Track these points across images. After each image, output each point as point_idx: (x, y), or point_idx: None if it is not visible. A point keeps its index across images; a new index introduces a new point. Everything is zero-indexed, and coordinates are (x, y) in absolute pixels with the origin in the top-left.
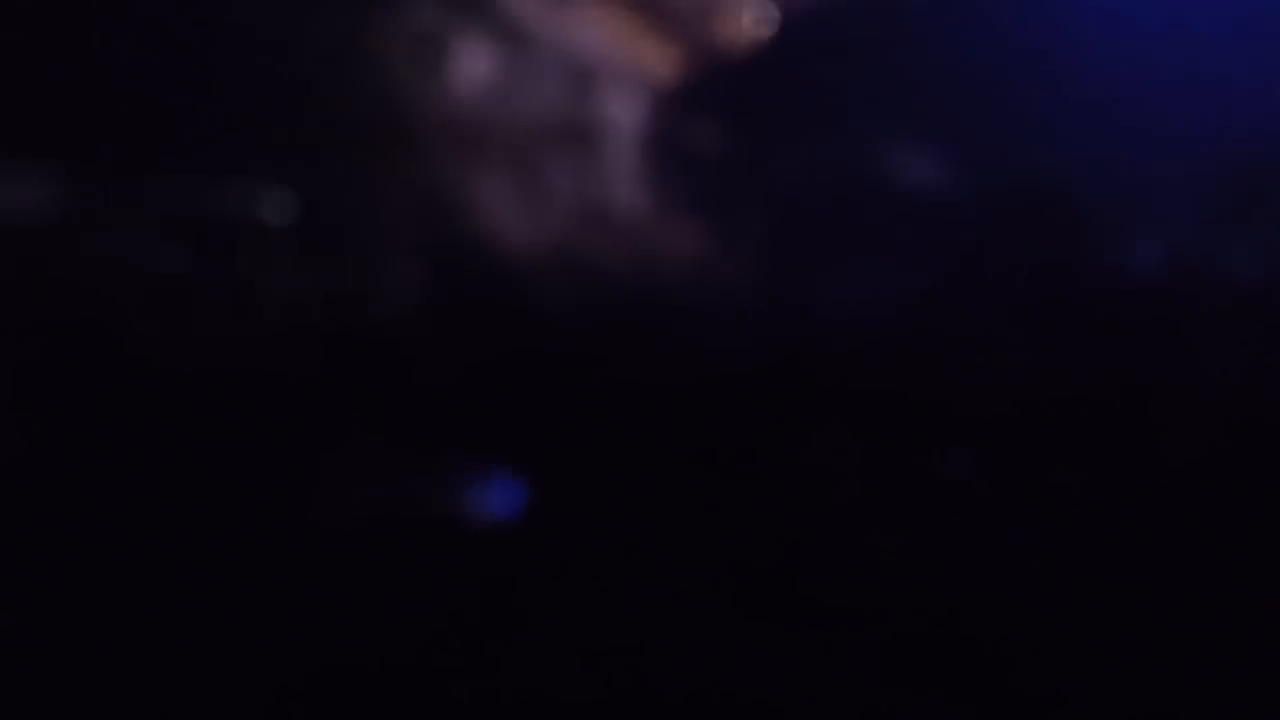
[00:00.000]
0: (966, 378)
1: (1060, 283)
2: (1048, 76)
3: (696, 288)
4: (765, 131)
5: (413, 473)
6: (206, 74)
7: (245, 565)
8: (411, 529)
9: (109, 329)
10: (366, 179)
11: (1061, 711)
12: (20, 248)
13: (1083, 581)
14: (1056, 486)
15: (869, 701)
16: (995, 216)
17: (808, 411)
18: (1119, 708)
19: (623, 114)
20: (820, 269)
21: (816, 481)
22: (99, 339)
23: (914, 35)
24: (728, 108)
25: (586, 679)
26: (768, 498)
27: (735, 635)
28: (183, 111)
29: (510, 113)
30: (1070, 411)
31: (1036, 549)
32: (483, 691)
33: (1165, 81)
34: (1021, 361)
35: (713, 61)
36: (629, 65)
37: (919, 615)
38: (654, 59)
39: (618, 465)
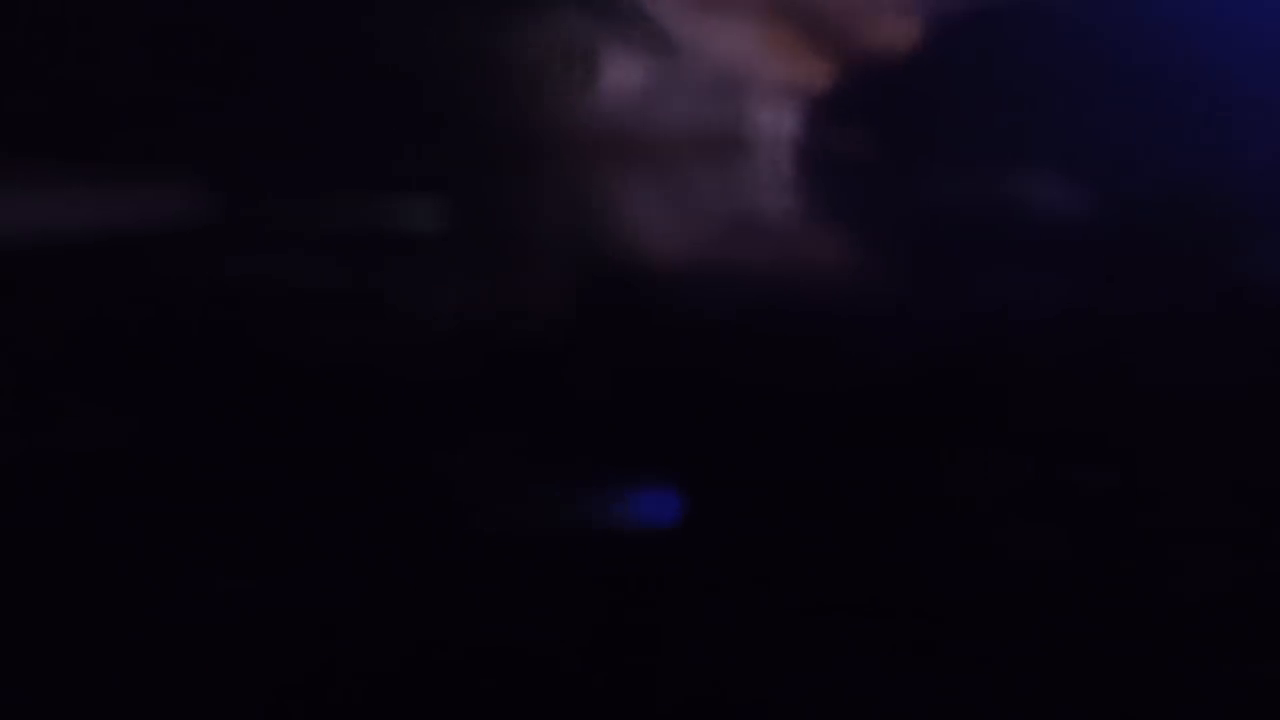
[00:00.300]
0: (1118, 390)
1: (1209, 293)
2: (1198, 82)
3: (845, 298)
4: (915, 140)
5: (564, 482)
6: (354, 85)
7: (398, 573)
8: (563, 539)
9: (259, 343)
10: (515, 190)
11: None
12: (170, 263)
13: (1238, 597)
14: (1207, 498)
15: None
16: (1145, 227)
17: (957, 423)
18: None
19: (771, 123)
20: (970, 279)
21: (966, 495)
22: (250, 354)
23: (1066, 42)
24: (877, 116)
25: (729, 687)
26: (917, 510)
27: (878, 650)
28: (332, 123)
29: (658, 123)
30: (1222, 423)
31: (1188, 562)
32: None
33: None
34: (1174, 373)
35: (862, 69)
36: (777, 73)
37: (1070, 632)
38: (803, 67)
39: (766, 475)
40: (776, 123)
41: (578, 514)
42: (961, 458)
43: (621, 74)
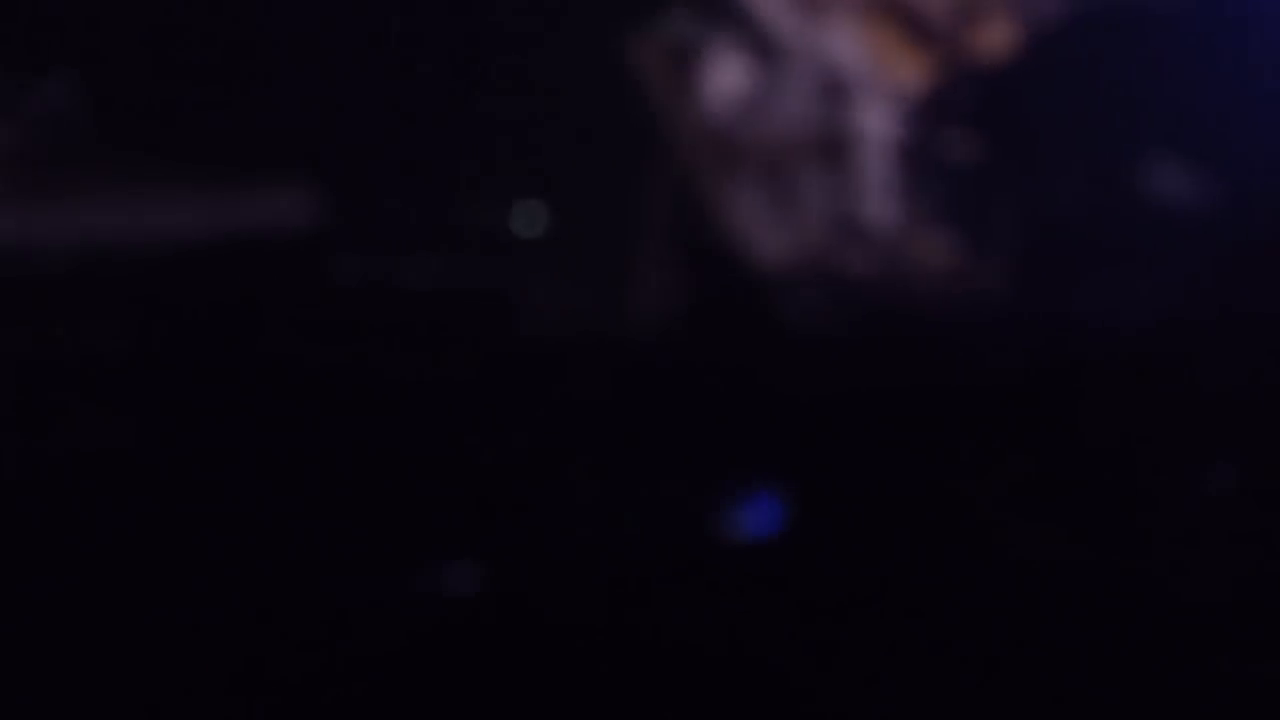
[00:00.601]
0: (1222, 389)
1: None
2: None
3: (949, 298)
4: (1019, 142)
5: (676, 487)
6: (463, 88)
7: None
8: (671, 543)
9: (363, 341)
10: (622, 190)
11: None
12: (285, 262)
13: None
14: None
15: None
16: (1250, 229)
17: (1062, 420)
18: None
19: (876, 125)
20: (1075, 280)
21: (1078, 488)
22: (358, 353)
23: (1169, 48)
24: (981, 119)
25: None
26: (1029, 504)
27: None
28: (439, 126)
29: (764, 124)
30: None
31: None
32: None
33: None
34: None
35: (966, 72)
36: (882, 76)
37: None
38: (907, 70)
39: (871, 475)
40: (882, 124)
41: (690, 520)
42: (1071, 453)
43: (730, 76)
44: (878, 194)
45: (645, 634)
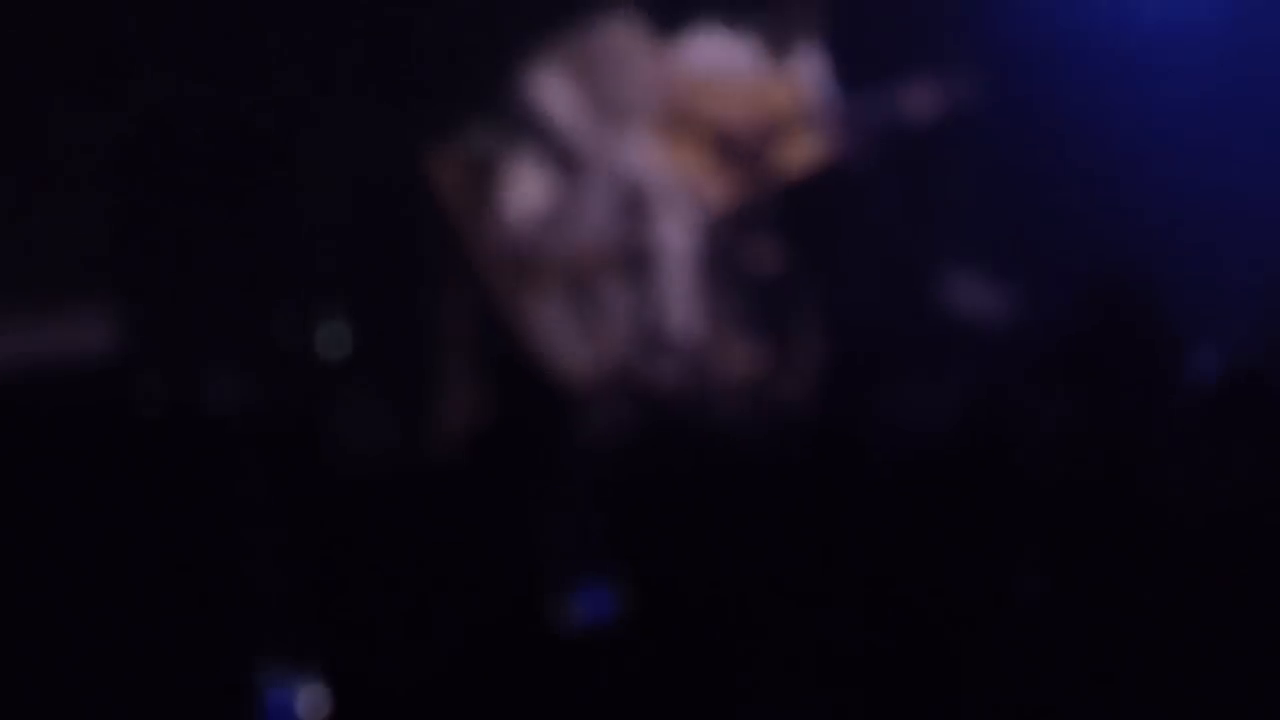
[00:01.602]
0: (1021, 495)
1: (1117, 394)
2: (1106, 201)
3: (752, 407)
4: (820, 254)
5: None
6: (263, 207)
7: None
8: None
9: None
10: (423, 307)
11: None
12: (80, 387)
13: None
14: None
15: None
16: (1050, 337)
17: (858, 526)
18: None
19: (678, 238)
20: (875, 388)
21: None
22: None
23: (972, 160)
24: (782, 231)
25: None
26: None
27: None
28: (244, 247)
29: (566, 238)
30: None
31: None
32: None
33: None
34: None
35: (769, 186)
36: (684, 190)
37: None
38: (710, 183)
39: (674, 579)
40: (685, 238)
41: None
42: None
43: (530, 191)
44: (681, 306)
45: None
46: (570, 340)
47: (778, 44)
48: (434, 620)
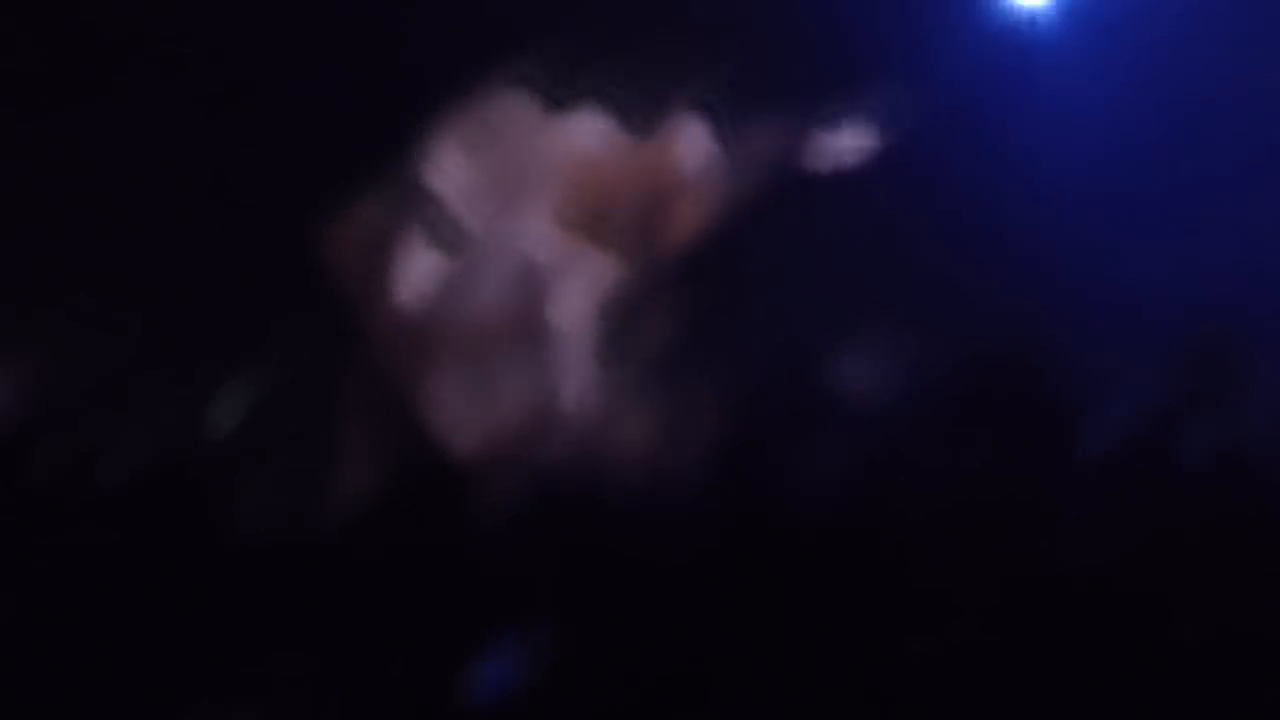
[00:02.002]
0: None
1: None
2: (1006, 270)
3: (644, 479)
4: (711, 327)
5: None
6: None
7: None
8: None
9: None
10: (317, 379)
11: None
12: None
13: None
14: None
15: None
16: (942, 411)
17: (755, 595)
18: None
19: (570, 313)
20: (766, 461)
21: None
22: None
23: (865, 222)
24: (673, 306)
25: None
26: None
27: None
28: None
29: (459, 313)
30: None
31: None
32: None
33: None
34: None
35: (658, 261)
36: (576, 265)
37: None
38: (601, 259)
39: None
40: (578, 313)
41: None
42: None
43: (423, 266)
44: (574, 380)
45: None
46: (464, 414)
47: (665, 115)
48: (325, 693)
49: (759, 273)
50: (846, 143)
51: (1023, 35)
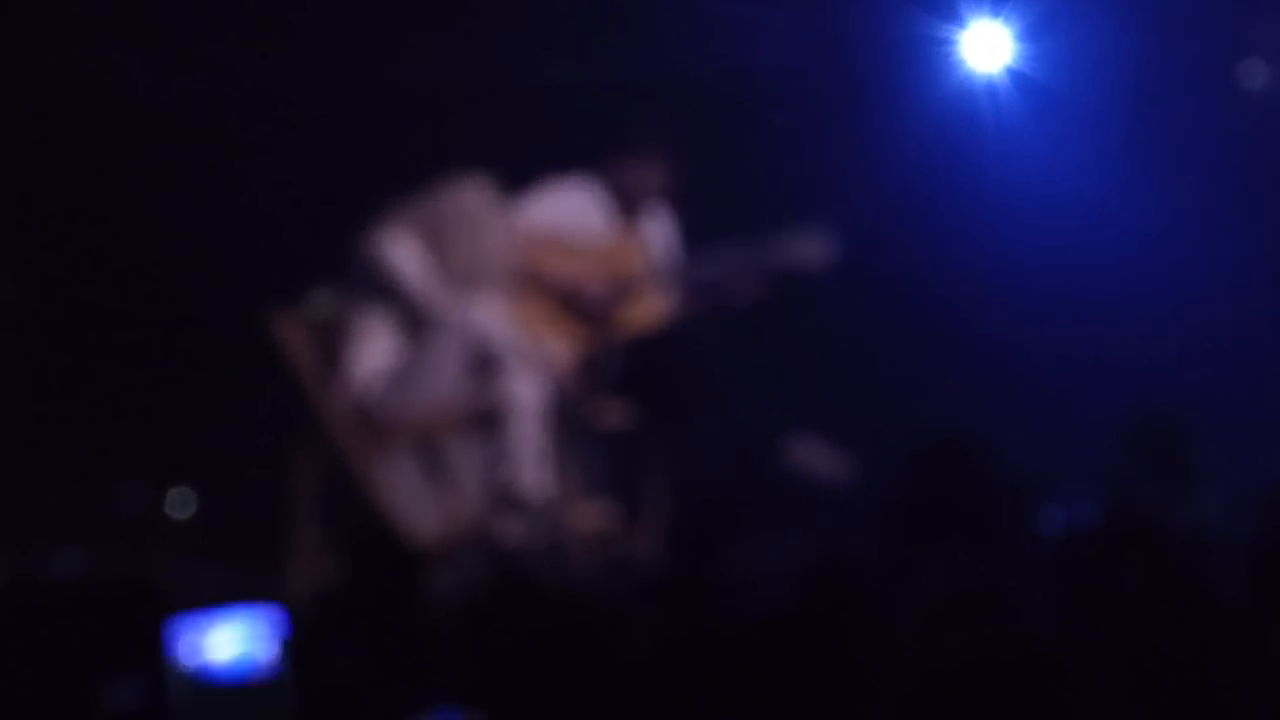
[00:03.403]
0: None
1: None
2: (951, 360)
3: (601, 561)
4: (668, 411)
5: None
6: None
7: None
8: None
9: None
10: (272, 469)
11: None
12: None
13: None
14: None
15: None
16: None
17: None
18: None
19: (527, 396)
20: (721, 544)
21: None
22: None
23: (815, 319)
24: (630, 389)
25: None
26: None
27: None
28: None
29: (414, 397)
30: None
31: None
32: None
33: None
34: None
35: (616, 344)
36: (533, 348)
37: None
38: (558, 342)
39: None
40: (534, 396)
41: None
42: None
43: (377, 351)
44: (530, 463)
45: None
46: (419, 498)
47: (623, 203)
48: None
49: (714, 363)
50: (801, 248)
51: (979, 105)
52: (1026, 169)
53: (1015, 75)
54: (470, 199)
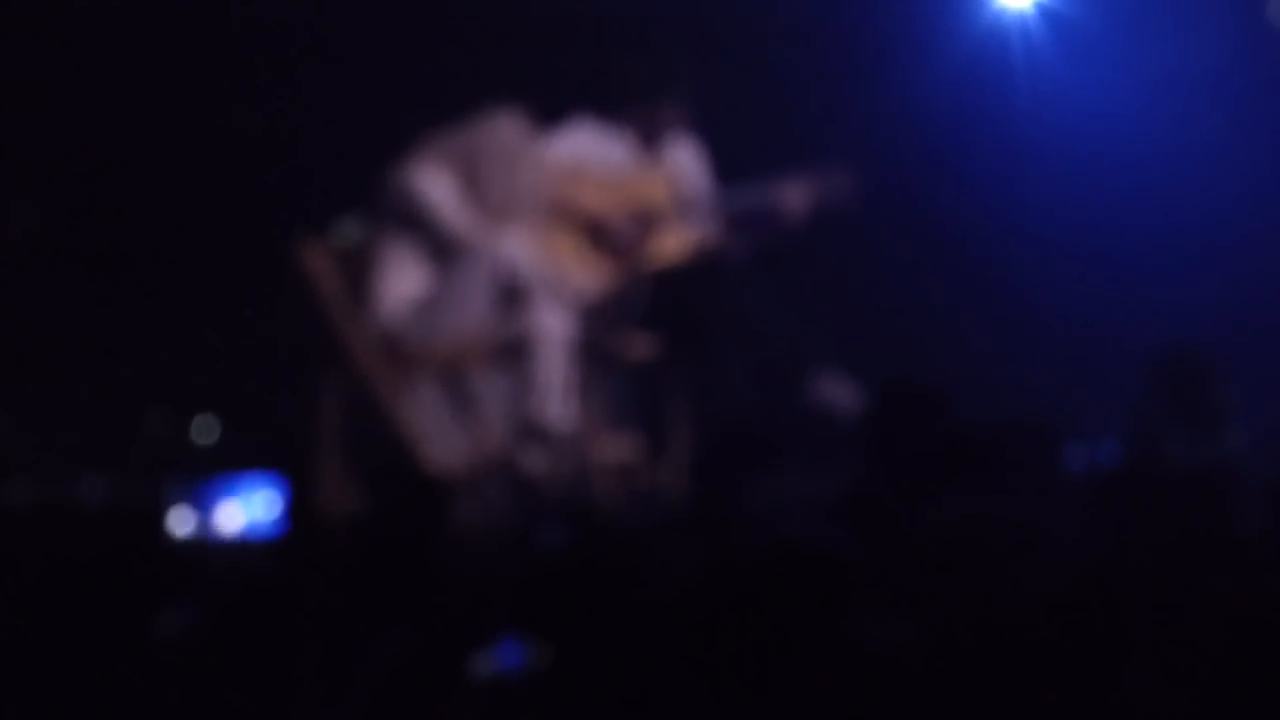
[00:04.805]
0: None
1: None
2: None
3: (625, 493)
4: (692, 344)
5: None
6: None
7: None
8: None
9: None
10: (299, 396)
11: None
12: None
13: None
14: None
15: None
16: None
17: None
18: None
19: (553, 327)
20: (746, 476)
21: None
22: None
23: (843, 253)
24: (656, 321)
25: None
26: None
27: None
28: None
29: (440, 327)
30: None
31: None
32: None
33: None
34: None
35: (643, 277)
36: (560, 280)
37: None
38: (585, 274)
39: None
40: (561, 328)
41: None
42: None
43: (404, 280)
44: (556, 394)
45: None
46: (445, 428)
47: (651, 135)
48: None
49: (741, 297)
50: (830, 180)
51: (1009, 43)
52: (1056, 105)
53: (1046, 9)
54: (505, 132)
